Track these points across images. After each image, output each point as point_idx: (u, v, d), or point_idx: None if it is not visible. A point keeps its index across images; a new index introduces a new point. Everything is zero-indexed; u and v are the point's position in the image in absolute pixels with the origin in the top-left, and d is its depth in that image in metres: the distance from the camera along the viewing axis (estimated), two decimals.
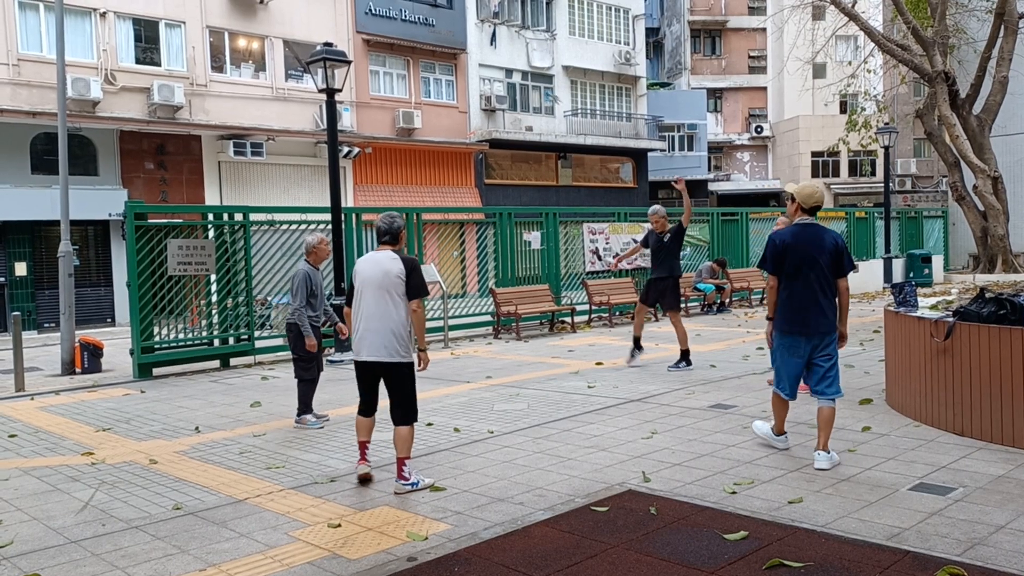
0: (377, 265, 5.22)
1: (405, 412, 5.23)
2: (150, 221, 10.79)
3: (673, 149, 36.69)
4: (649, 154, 32.57)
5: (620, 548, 3.99)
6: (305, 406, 7.23)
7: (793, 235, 5.35)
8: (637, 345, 9.93)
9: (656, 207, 10.27)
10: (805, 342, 5.36)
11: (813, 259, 5.28)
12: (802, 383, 8.01)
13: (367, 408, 5.40)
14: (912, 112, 26.84)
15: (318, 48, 10.89)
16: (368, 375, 5.34)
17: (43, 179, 18.49)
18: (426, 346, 5.36)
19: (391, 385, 5.26)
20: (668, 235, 9.83)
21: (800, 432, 6.19)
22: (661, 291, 9.86)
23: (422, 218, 13.96)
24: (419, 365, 5.34)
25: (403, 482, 5.13)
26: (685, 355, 9.51)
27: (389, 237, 5.32)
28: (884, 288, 20.57)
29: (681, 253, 10.19)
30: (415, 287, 5.19)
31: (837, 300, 5.44)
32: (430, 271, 13.26)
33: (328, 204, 11.48)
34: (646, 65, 33.75)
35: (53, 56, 15.26)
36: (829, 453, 5.29)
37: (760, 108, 42.43)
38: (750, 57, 42.34)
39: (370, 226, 13.57)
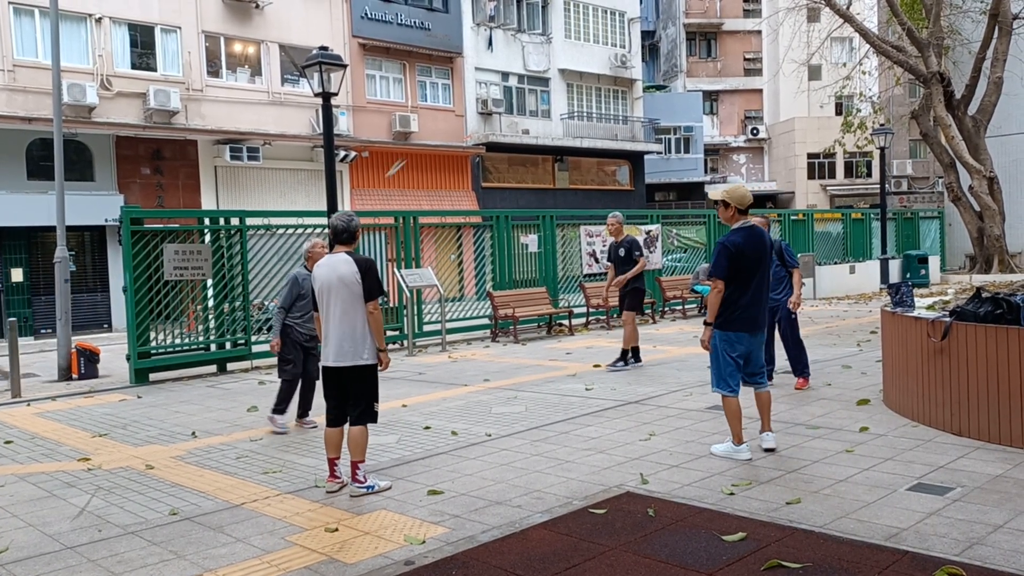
0: (333, 269, 5.18)
1: (361, 411, 5.19)
2: (146, 226, 10.77)
3: (669, 151, 36.74)
4: (646, 156, 32.60)
5: (618, 550, 3.98)
6: (278, 405, 7.18)
7: (744, 239, 5.47)
8: (636, 356, 10.04)
9: (615, 212, 10.31)
10: (749, 338, 5.57)
11: (761, 260, 5.54)
12: (800, 379, 8.09)
13: (335, 418, 5.29)
14: (907, 113, 26.90)
15: (314, 52, 10.88)
16: (334, 380, 5.25)
17: (39, 185, 18.47)
18: (385, 347, 5.26)
19: (351, 386, 5.20)
20: (623, 249, 9.91)
21: (797, 433, 6.19)
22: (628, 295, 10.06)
23: (419, 222, 13.96)
24: (380, 366, 5.26)
25: (358, 485, 5.12)
26: (624, 355, 9.78)
27: (347, 235, 5.26)
28: (881, 289, 20.59)
29: (679, 256, 10.26)
30: (370, 289, 5.13)
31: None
32: (427, 274, 13.26)
33: (324, 208, 11.46)
34: (642, 68, 33.79)
35: (49, 62, 15.26)
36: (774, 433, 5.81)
37: (756, 110, 42.50)
38: (745, 59, 42.42)
39: (367, 230, 13.59)
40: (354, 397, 5.19)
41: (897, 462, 5.28)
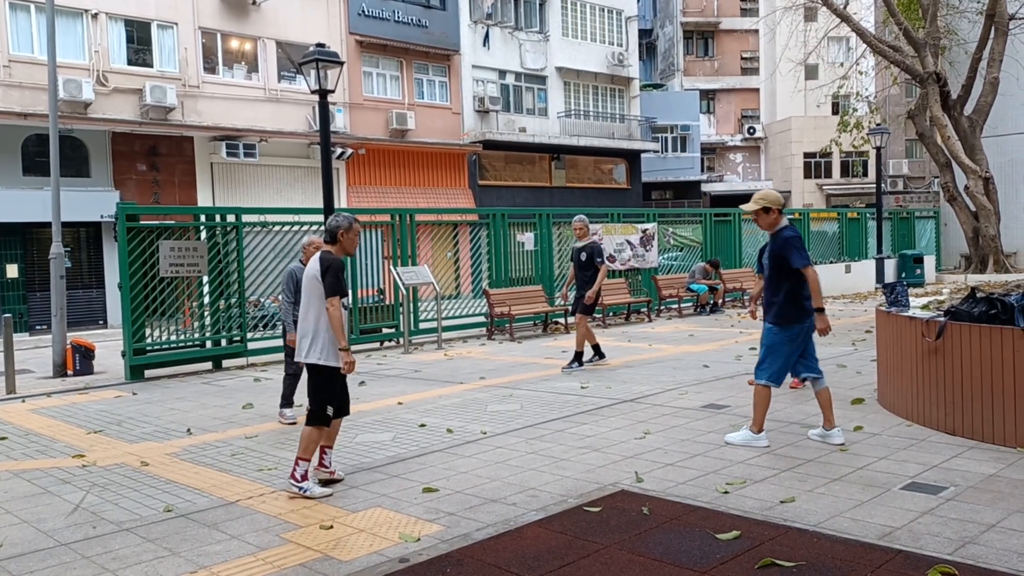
0: (309, 267, 5.30)
1: (310, 412, 5.20)
2: (142, 223, 10.76)
3: (666, 150, 36.76)
4: (642, 155, 32.60)
5: (613, 548, 3.99)
6: (285, 400, 7.47)
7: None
8: (598, 352, 10.09)
9: (579, 216, 10.31)
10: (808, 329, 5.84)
11: None
12: (795, 379, 8.14)
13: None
14: (904, 113, 26.94)
15: (311, 49, 10.86)
16: (309, 375, 5.35)
17: (35, 181, 18.42)
18: (347, 346, 5.17)
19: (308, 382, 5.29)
20: (584, 254, 9.94)
21: (792, 432, 6.20)
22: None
23: (415, 219, 13.95)
24: (342, 367, 5.17)
25: (293, 482, 5.08)
26: (578, 357, 9.83)
27: (327, 234, 5.32)
28: (876, 288, 20.63)
29: (675, 255, 10.29)
30: (329, 285, 5.13)
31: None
32: (423, 272, 13.26)
33: (321, 205, 11.45)
34: (639, 66, 33.79)
35: (44, 57, 15.18)
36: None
37: (753, 109, 42.52)
38: (742, 58, 42.43)
39: (363, 227, 13.57)
40: (308, 395, 5.26)
41: (891, 461, 5.30)
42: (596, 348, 10.11)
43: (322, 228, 11.79)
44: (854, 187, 40.43)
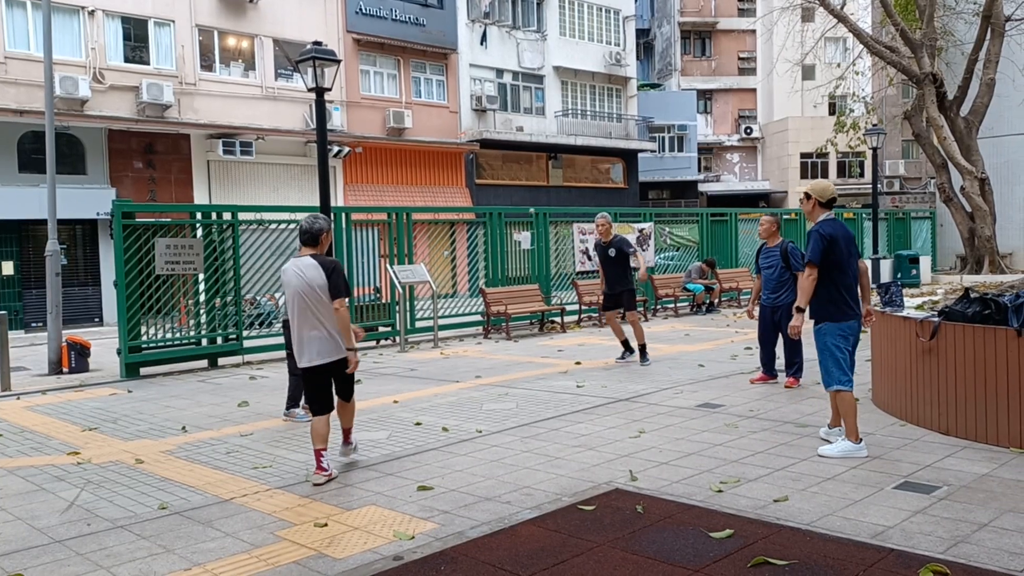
0: (300, 274, 5.32)
1: (350, 392, 5.63)
2: (138, 220, 10.75)
3: (663, 150, 36.78)
4: (639, 155, 32.61)
5: (606, 547, 4.00)
6: (293, 400, 7.42)
7: (835, 229, 5.60)
8: (628, 348, 10.14)
9: (602, 213, 10.32)
10: (857, 328, 5.61)
11: (852, 251, 5.64)
12: (790, 378, 8.17)
13: (321, 407, 5.45)
14: (900, 114, 26.98)
15: (308, 47, 10.86)
16: (316, 377, 5.42)
17: (31, 178, 18.38)
18: (353, 345, 5.33)
19: (337, 377, 5.49)
20: (613, 249, 9.97)
21: (787, 431, 6.22)
22: (617, 301, 10.20)
23: (412, 218, 13.96)
24: (348, 367, 5.35)
25: (346, 446, 5.72)
26: (643, 349, 9.98)
27: (308, 237, 5.39)
28: (871, 288, 20.65)
29: (671, 255, 10.28)
30: (335, 287, 5.23)
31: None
32: (420, 271, 13.25)
33: (318, 203, 11.44)
34: (636, 66, 33.80)
35: (41, 54, 15.14)
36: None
37: (750, 109, 42.55)
38: (740, 58, 42.45)
39: (360, 225, 13.58)
40: (340, 383, 5.54)
41: (884, 460, 5.32)
42: (627, 344, 10.14)
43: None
44: (850, 187, 40.48)
